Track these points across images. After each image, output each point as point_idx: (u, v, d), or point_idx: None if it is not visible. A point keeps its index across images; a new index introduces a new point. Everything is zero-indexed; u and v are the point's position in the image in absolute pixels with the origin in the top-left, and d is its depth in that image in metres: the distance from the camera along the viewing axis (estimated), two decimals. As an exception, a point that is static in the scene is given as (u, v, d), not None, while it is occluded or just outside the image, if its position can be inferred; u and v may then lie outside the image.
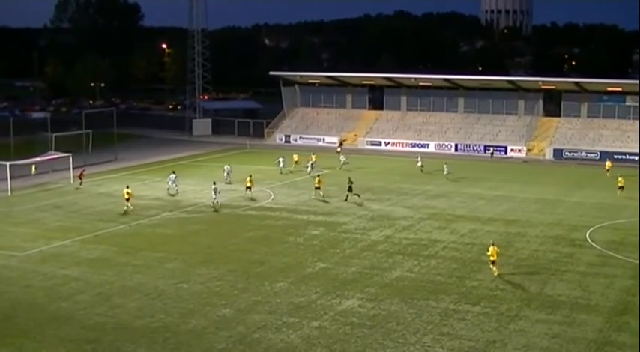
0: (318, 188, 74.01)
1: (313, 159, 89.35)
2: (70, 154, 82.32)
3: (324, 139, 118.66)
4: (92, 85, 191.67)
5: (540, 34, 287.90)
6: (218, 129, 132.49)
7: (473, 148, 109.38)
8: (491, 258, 48.14)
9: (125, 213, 66.99)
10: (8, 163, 76.72)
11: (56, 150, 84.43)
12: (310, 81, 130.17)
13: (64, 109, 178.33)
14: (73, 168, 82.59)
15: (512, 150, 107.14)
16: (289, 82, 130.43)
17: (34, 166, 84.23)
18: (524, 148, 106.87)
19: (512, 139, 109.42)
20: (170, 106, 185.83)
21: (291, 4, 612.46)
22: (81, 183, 79.79)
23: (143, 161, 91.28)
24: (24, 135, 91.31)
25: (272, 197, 74.38)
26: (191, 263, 50.86)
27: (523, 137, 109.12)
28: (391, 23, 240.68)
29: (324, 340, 37.09)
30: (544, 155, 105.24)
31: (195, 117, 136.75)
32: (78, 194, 76.20)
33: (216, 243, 56.60)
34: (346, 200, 71.60)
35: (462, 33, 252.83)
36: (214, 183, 70.60)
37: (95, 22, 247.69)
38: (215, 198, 69.25)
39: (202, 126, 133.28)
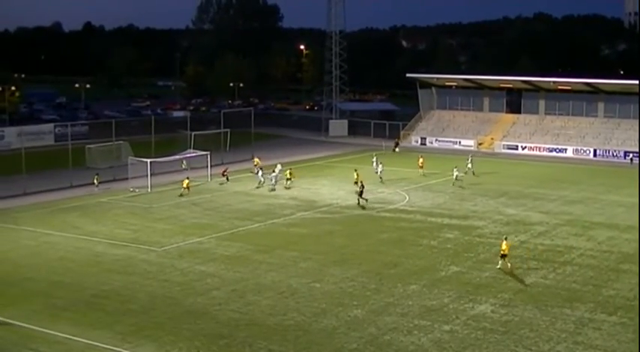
0: (289, 179, 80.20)
1: (257, 163, 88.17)
2: (208, 153, 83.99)
3: (460, 142, 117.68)
4: (231, 84, 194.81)
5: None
6: (354, 130, 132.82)
7: (612, 154, 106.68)
8: (503, 252, 49.18)
9: (181, 195, 74.58)
10: (149, 160, 78.66)
11: (195, 148, 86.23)
12: (447, 83, 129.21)
13: (203, 109, 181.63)
14: (211, 166, 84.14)
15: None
16: (426, 84, 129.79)
17: (184, 161, 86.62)
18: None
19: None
20: (307, 107, 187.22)
21: (429, 5, 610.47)
22: (227, 179, 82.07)
23: (279, 161, 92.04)
24: (165, 134, 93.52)
25: (407, 199, 74.23)
26: (324, 263, 51.17)
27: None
28: (530, 25, 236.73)
29: (455, 344, 36.79)
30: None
31: (332, 118, 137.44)
32: (215, 192, 77.75)
33: (350, 243, 56.81)
34: (359, 204, 70.77)
35: (604, 35, 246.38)
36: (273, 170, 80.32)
37: (235, 23, 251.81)
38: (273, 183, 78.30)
39: (339, 127, 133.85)
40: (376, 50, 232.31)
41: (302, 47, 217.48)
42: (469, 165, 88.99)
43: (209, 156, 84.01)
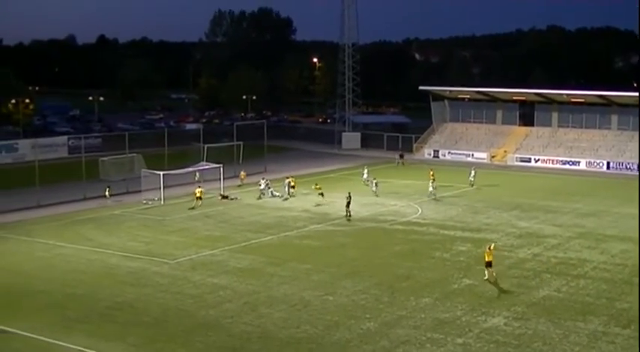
0: (293, 187, 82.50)
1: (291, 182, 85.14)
2: (220, 165, 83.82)
3: (472, 155, 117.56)
4: (244, 97, 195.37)
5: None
6: (367, 142, 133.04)
7: (626, 166, 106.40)
8: (487, 259, 49.34)
9: (193, 208, 74.77)
10: (162, 173, 78.79)
11: (208, 160, 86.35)
12: (460, 96, 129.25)
13: (216, 121, 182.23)
14: (224, 178, 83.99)
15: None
16: (439, 97, 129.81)
17: (197, 174, 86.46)
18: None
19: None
20: (320, 119, 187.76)
21: (442, 18, 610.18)
22: (228, 197, 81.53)
23: (292, 173, 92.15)
24: (178, 146, 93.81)
25: (419, 212, 74.20)
26: (337, 275, 51.12)
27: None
28: (544, 38, 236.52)
29: (468, 357, 36.76)
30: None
31: (345, 131, 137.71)
32: (227, 204, 77.99)
33: (363, 256, 56.78)
34: (347, 216, 70.94)
35: (618, 48, 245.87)
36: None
37: (248, 35, 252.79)
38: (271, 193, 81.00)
39: (351, 139, 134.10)
40: (389, 63, 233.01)
41: (315, 60, 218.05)
42: (471, 177, 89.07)
43: (222, 169, 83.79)
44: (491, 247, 50.68)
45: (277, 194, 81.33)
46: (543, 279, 50.41)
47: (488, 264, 49.57)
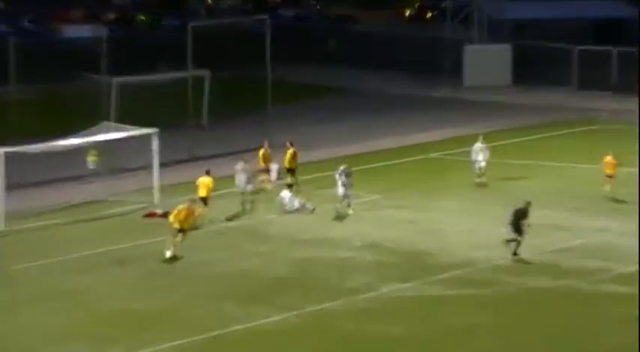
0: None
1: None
2: (155, 131, 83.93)
3: None
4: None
5: None
6: (527, 69, 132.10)
7: None
8: None
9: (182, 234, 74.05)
10: (1, 150, 78.50)
11: (120, 120, 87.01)
12: None
13: (142, 18, 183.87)
14: (160, 165, 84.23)
15: None
16: None
17: (90, 156, 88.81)
18: None
19: None
20: (406, 14, 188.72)
21: None
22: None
23: (336, 153, 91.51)
24: (45, 83, 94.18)
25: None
26: None
27: None
28: None
29: None
30: None
31: (472, 43, 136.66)
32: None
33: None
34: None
35: None
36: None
37: None
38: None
39: (489, 63, 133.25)
40: None
41: None
42: None
43: (155, 141, 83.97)
44: None
45: (308, 206, 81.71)
46: None
47: None
